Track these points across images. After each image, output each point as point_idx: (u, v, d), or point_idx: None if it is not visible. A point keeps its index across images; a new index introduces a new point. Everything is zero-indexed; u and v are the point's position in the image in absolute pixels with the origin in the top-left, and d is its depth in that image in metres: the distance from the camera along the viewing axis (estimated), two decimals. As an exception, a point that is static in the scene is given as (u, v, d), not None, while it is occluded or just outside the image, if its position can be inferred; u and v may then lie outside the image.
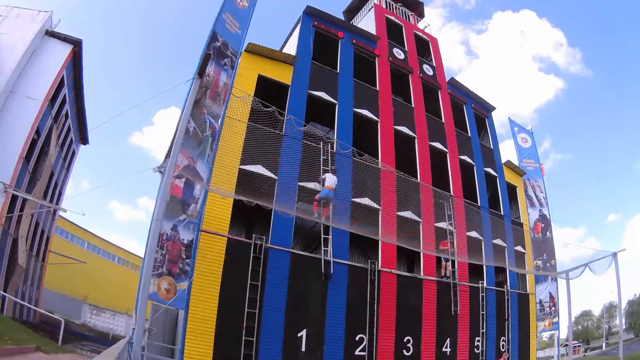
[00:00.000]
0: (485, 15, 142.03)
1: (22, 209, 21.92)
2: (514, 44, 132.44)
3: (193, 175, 14.24)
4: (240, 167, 16.54)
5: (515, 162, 28.01)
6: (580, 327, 72.95)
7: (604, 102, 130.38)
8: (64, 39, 23.11)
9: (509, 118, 30.45)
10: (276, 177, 17.16)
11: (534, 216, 26.98)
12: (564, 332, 29.34)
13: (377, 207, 19.22)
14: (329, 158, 17.94)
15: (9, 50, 20.00)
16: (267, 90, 18.62)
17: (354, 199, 18.52)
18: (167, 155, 15.05)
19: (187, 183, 14.37)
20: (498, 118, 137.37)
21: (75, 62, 24.83)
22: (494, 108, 28.43)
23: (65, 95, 25.41)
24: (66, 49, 23.18)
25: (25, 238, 23.93)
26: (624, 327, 53.98)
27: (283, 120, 17.15)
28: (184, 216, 14.21)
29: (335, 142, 18.51)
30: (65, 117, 27.52)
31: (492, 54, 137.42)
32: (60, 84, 23.70)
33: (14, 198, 20.24)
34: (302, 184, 17.56)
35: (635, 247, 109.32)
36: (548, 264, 25.68)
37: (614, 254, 19.80)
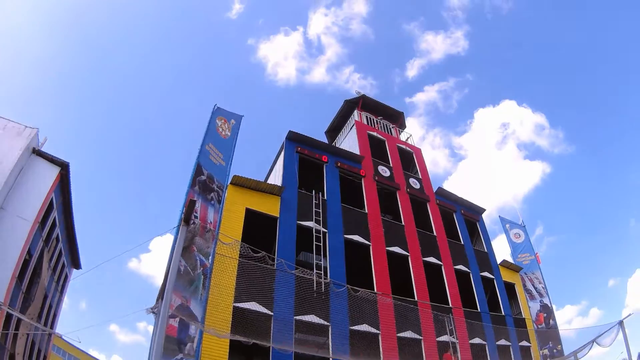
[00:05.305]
0: (467, 116, 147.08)
1: (17, 328, 21.43)
2: (498, 137, 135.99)
3: (187, 316, 13.93)
4: (235, 304, 16.23)
5: (510, 257, 28.17)
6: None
7: (588, 172, 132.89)
8: (52, 160, 23.01)
9: (499, 216, 30.81)
10: (272, 313, 16.84)
11: (535, 308, 26.69)
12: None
13: (377, 331, 18.86)
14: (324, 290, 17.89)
15: (-3, 164, 19.69)
16: (257, 222, 18.73)
17: (352, 327, 18.18)
18: (160, 297, 14.87)
19: (182, 322, 14.03)
20: (489, 212, 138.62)
21: (63, 185, 24.65)
22: (483, 210, 28.77)
23: (55, 218, 25.19)
24: (54, 171, 23.06)
25: (22, 355, 23.34)
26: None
27: (274, 256, 17.17)
28: (181, 355, 13.78)
29: (329, 282, 18.44)
30: (56, 240, 27.28)
31: (477, 152, 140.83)
32: (50, 207, 23.47)
33: (9, 316, 19.80)
34: (298, 317, 17.24)
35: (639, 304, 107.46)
36: (555, 350, 25.06)
37: (620, 322, 19.22)
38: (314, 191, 21.10)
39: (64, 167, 23.50)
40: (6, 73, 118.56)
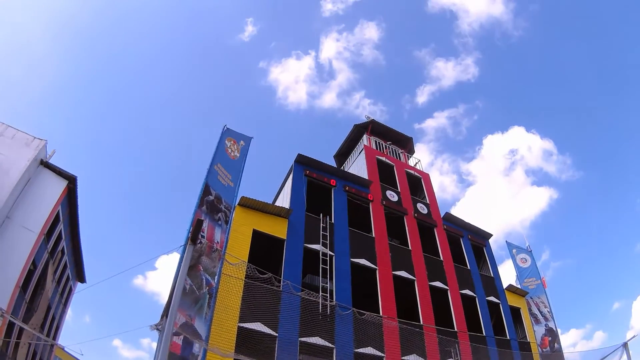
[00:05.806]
0: (476, 142, 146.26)
1: (19, 337, 21.55)
2: (506, 164, 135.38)
3: (192, 334, 14.02)
4: (239, 324, 16.38)
5: (516, 282, 28.31)
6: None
7: (595, 198, 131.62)
8: (59, 172, 22.92)
9: (506, 241, 30.92)
10: (276, 334, 16.97)
11: (540, 332, 26.80)
12: None
13: (381, 354, 18.94)
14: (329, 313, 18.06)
15: (5, 173, 19.71)
16: (263, 243, 18.98)
17: (356, 350, 18.30)
18: (164, 314, 15.00)
19: (186, 340, 14.11)
20: (496, 238, 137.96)
21: (70, 198, 24.59)
22: (490, 235, 28.89)
23: (61, 231, 25.18)
24: (61, 184, 22.96)
25: (23, 365, 23.37)
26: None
27: (280, 278, 17.36)
28: (185, 373, 13.93)
29: (335, 305, 18.61)
30: (62, 253, 27.32)
31: (486, 178, 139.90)
32: (56, 219, 23.45)
33: (11, 324, 19.80)
34: (303, 339, 17.36)
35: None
36: (559, 375, 25.06)
37: (624, 344, 19.07)
38: (321, 214, 21.41)
39: (71, 181, 23.46)
40: (19, 83, 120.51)
